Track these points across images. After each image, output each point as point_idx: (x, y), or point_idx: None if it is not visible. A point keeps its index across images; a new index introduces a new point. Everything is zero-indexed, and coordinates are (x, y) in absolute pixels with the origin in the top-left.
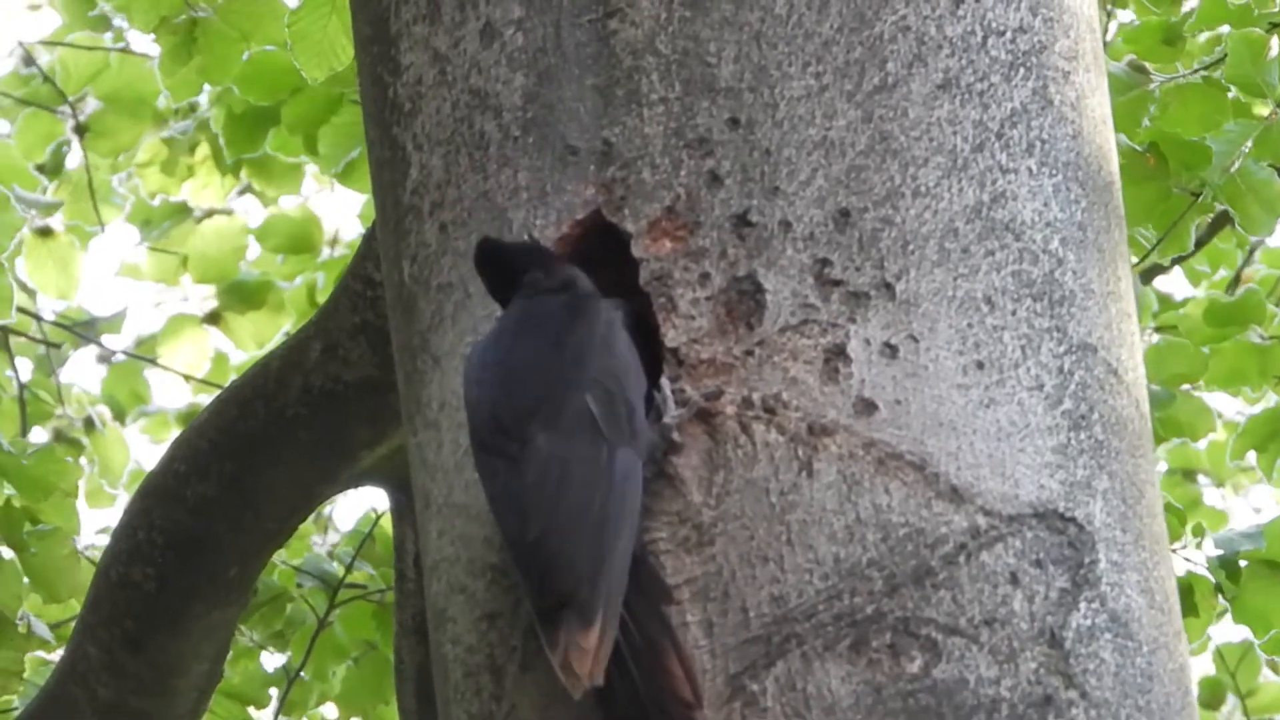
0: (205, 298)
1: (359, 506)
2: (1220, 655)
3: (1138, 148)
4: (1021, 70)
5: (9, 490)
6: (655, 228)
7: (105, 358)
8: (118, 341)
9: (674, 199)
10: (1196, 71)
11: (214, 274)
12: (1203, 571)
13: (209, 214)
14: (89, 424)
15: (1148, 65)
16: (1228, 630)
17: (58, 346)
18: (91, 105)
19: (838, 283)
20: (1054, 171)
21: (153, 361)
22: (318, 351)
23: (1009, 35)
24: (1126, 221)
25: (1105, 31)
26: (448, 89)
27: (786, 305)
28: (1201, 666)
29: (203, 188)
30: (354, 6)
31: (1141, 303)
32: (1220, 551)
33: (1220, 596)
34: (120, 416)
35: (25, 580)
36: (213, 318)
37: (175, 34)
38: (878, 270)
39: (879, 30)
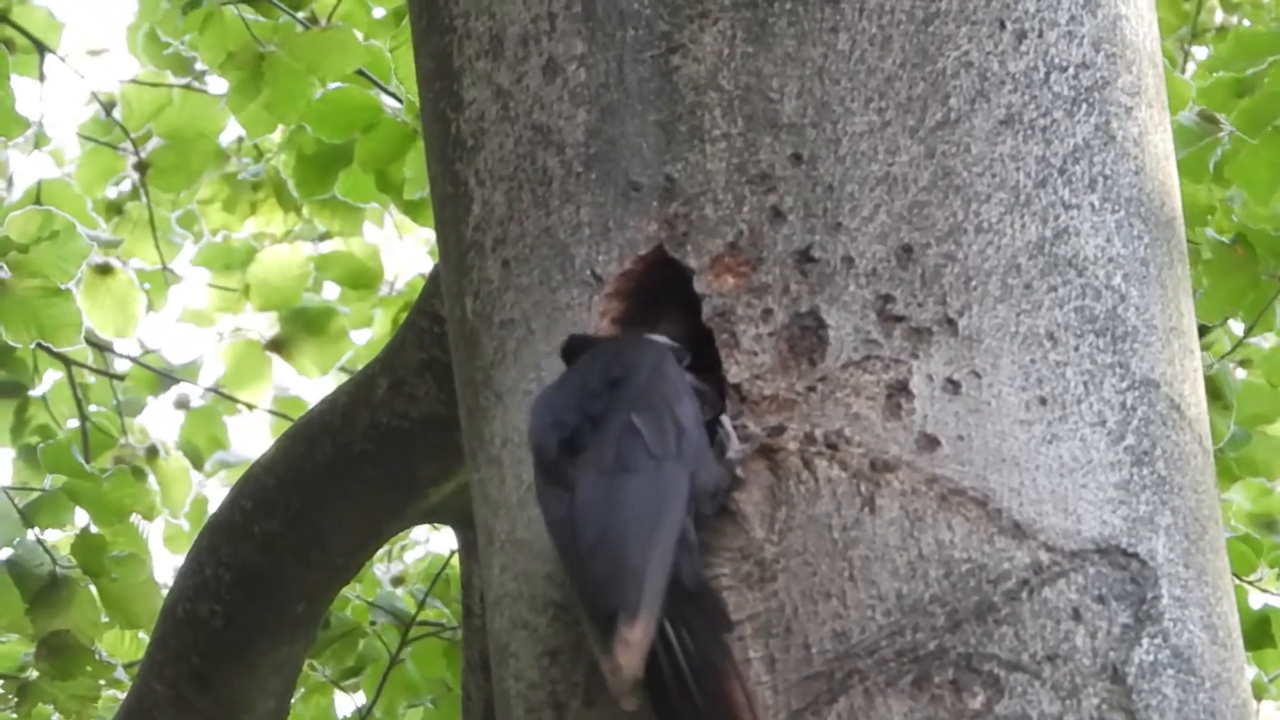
0: (266, 326)
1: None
2: None
3: (1225, 240)
4: (1084, 106)
5: (83, 517)
6: (718, 263)
7: (183, 404)
8: (195, 388)
9: (736, 235)
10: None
11: (276, 301)
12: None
13: (268, 238)
14: (152, 453)
15: (1218, 116)
16: None
17: (121, 378)
18: (154, 143)
19: (900, 319)
20: (1116, 207)
21: (224, 395)
22: (384, 388)
23: (1071, 71)
24: (1215, 310)
25: (1183, 69)
26: (510, 125)
27: (849, 341)
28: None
29: (265, 224)
30: (416, 42)
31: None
32: None
33: None
34: (198, 464)
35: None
36: (275, 345)
37: (242, 69)
38: (940, 306)
39: (941, 66)
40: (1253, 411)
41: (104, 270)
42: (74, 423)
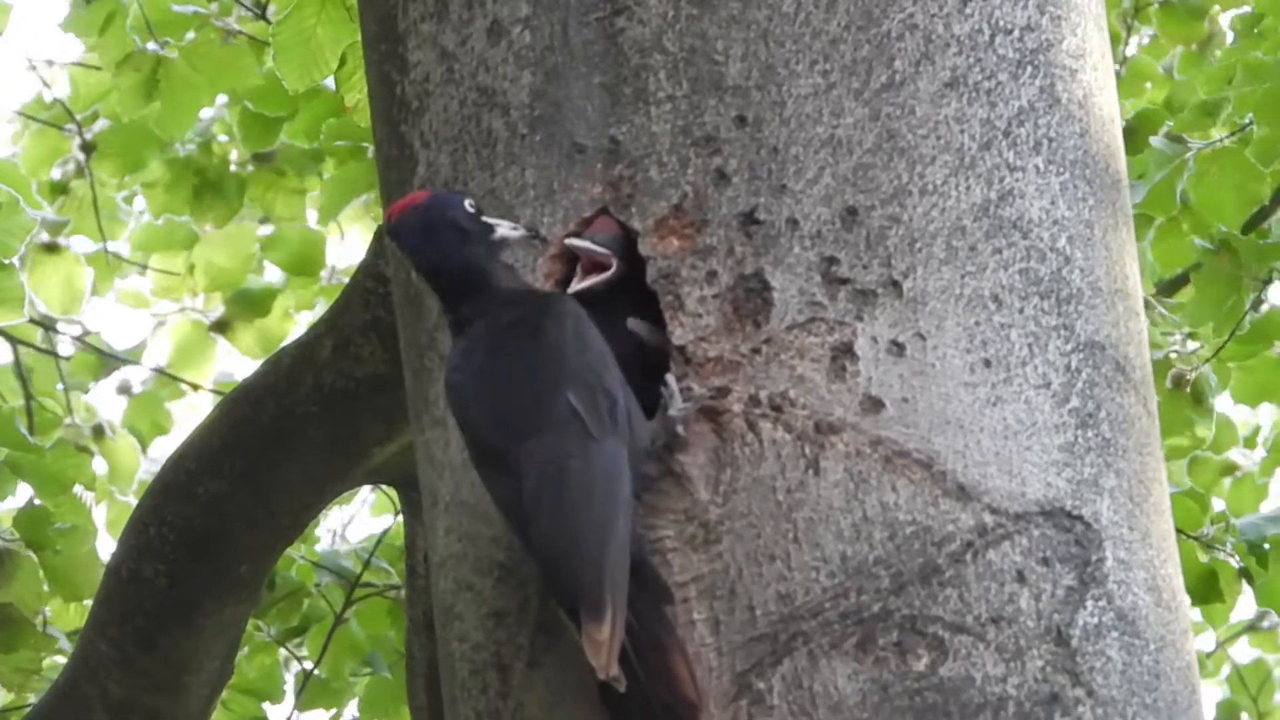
0: (210, 308)
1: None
2: (1239, 676)
3: (1211, 246)
4: (1029, 68)
5: (26, 490)
6: (662, 226)
7: (126, 389)
8: (137, 373)
9: (681, 197)
10: (1233, 135)
11: (221, 282)
12: (1225, 557)
13: (210, 220)
14: (98, 432)
15: (1184, 136)
16: (1244, 651)
17: (66, 359)
18: (100, 125)
19: (845, 281)
20: (1061, 170)
21: (169, 375)
22: (329, 348)
23: (1016, 33)
24: (1202, 314)
25: (1125, 45)
26: (455, 87)
27: (794, 303)
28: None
29: (206, 210)
30: (361, 5)
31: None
32: (1246, 537)
33: (1244, 581)
34: (143, 447)
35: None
36: (219, 326)
37: (140, 70)
38: (885, 268)
39: (886, 28)
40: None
41: (50, 249)
42: (20, 402)
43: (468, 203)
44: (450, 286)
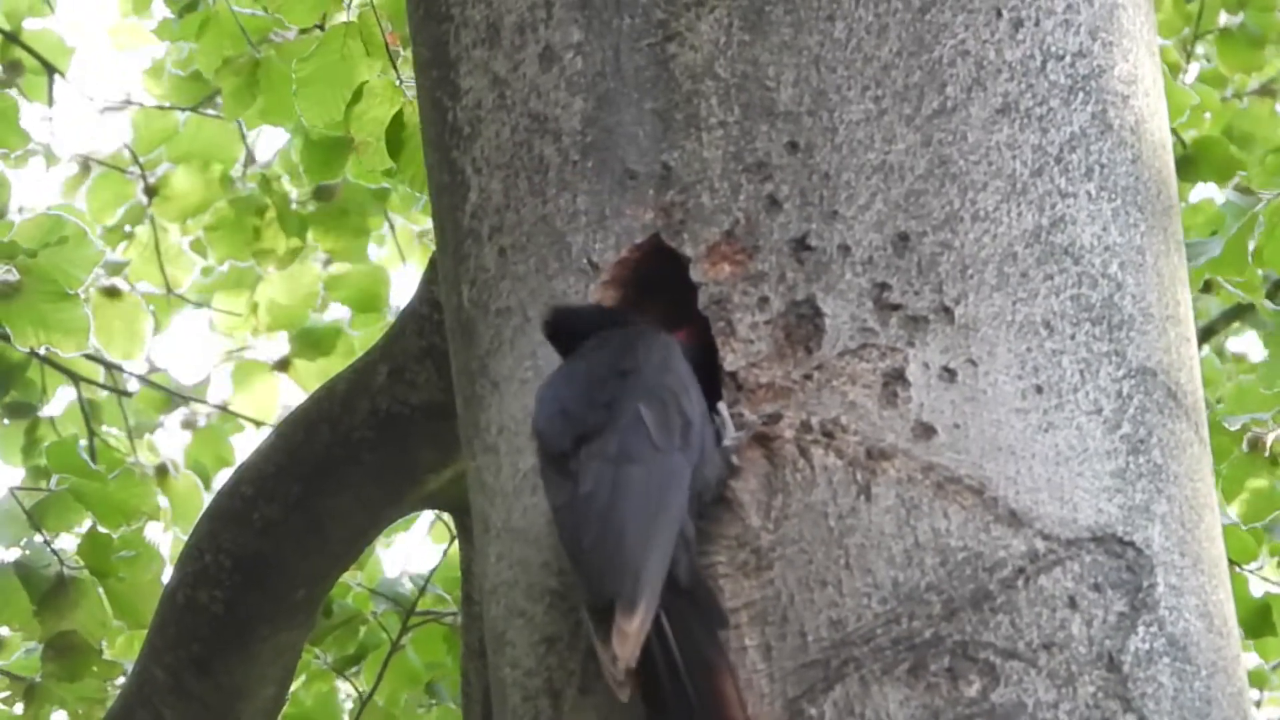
0: (274, 348)
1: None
2: None
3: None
4: (1080, 95)
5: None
6: (714, 252)
7: (190, 423)
8: (201, 409)
9: (733, 223)
10: None
11: (284, 321)
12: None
13: (272, 261)
14: (161, 471)
15: (1254, 187)
16: None
17: (129, 394)
18: (164, 168)
19: (896, 307)
20: (1113, 196)
21: (232, 413)
22: (384, 375)
23: (1068, 60)
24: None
25: (1184, 73)
26: (507, 113)
27: (845, 329)
28: None
29: (269, 248)
30: (413, 30)
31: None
32: None
33: None
34: (206, 481)
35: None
36: (282, 365)
37: (239, 75)
38: (936, 294)
39: (938, 54)
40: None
41: (111, 293)
42: (83, 442)
43: None
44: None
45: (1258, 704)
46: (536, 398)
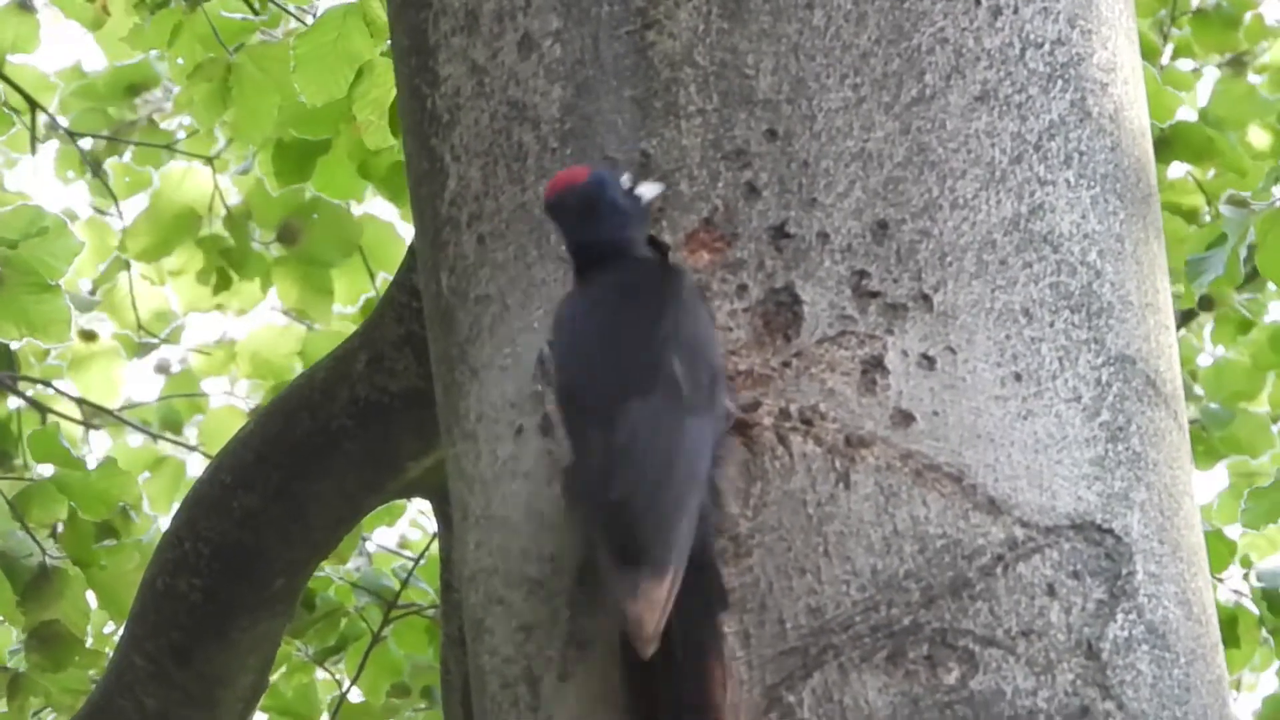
0: (250, 391)
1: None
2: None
3: None
4: (1059, 82)
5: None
6: (693, 239)
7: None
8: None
9: (711, 211)
10: None
11: (264, 372)
12: (1248, 603)
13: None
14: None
15: (1247, 197)
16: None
17: (97, 428)
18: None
19: (875, 294)
20: (1092, 183)
21: (207, 455)
22: (363, 363)
23: (1047, 47)
24: None
25: (1161, 54)
26: (485, 100)
27: (824, 317)
28: None
29: (233, 298)
30: (391, 18)
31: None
32: (1263, 584)
33: (1263, 629)
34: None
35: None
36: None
37: (211, 81)
38: (915, 282)
39: (917, 42)
40: (1234, 389)
41: (88, 337)
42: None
43: (625, 178)
44: (595, 259)
45: None
46: (556, 331)
